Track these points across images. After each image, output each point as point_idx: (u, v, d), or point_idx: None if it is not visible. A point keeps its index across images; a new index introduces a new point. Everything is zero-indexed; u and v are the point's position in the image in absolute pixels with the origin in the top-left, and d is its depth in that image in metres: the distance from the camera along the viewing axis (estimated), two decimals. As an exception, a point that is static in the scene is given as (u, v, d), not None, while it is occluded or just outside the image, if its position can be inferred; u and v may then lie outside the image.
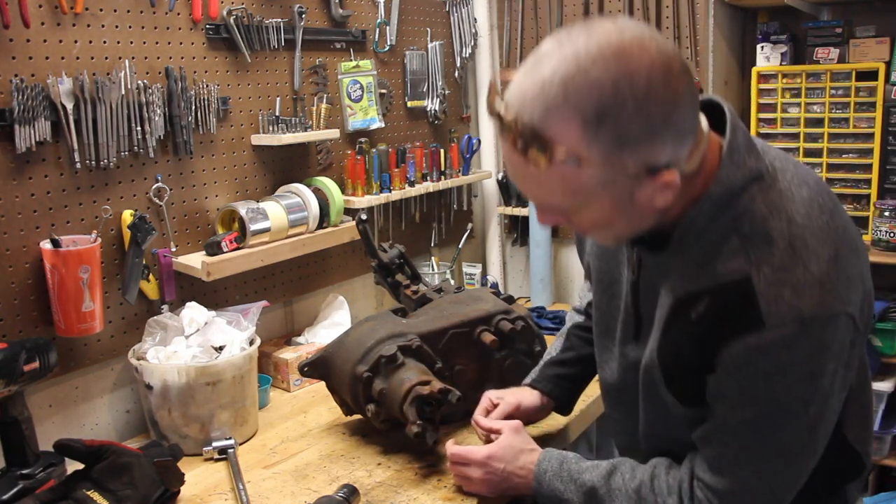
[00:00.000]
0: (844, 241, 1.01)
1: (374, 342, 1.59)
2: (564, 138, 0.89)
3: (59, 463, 1.50)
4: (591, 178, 0.91)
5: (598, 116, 0.87)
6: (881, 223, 2.26)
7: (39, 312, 1.62)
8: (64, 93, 1.59)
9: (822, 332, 0.96)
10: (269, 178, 2.09)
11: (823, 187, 1.06)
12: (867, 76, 2.31)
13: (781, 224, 0.98)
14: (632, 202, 0.95)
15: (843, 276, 0.98)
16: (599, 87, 0.86)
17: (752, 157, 1.01)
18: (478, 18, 2.74)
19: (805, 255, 0.97)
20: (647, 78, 0.87)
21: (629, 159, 0.90)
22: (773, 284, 0.96)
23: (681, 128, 0.92)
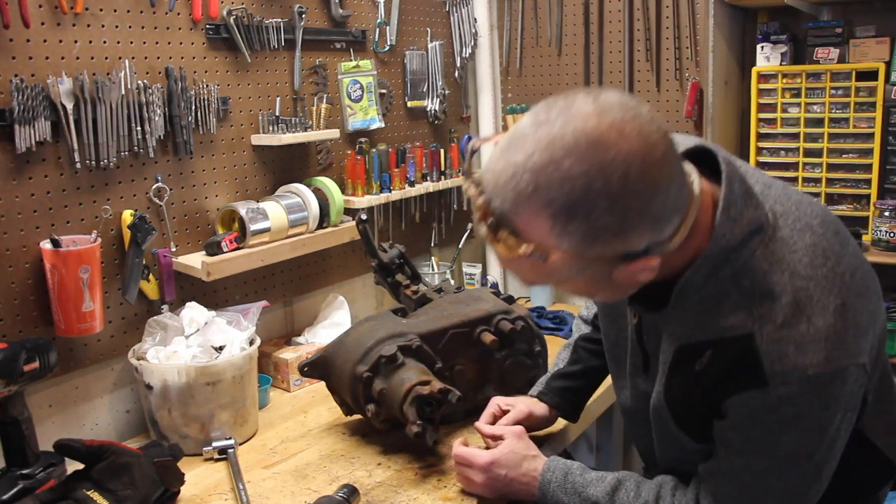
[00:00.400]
0: (852, 287, 0.96)
1: (374, 342, 1.59)
2: (533, 231, 0.86)
3: (59, 463, 1.50)
4: (561, 265, 0.88)
5: (568, 211, 0.83)
6: (881, 223, 2.26)
7: (39, 312, 1.62)
8: (64, 93, 1.59)
9: (829, 386, 0.94)
10: (269, 178, 2.09)
11: (830, 225, 1.01)
12: (867, 76, 2.31)
13: (783, 278, 0.95)
14: (610, 280, 0.92)
15: (851, 327, 0.94)
16: (571, 182, 0.82)
17: (751, 208, 0.97)
18: (478, 18, 2.74)
19: (809, 309, 0.93)
20: (622, 172, 0.82)
21: (601, 250, 0.87)
22: (777, 342, 0.93)
23: (660, 215, 0.87)
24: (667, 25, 2.52)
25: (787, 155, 2.48)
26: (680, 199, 0.90)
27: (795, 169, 2.46)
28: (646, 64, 2.59)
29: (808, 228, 0.98)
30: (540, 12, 2.74)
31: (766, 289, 0.95)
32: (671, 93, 2.56)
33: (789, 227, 0.97)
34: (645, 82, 2.60)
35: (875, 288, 1.03)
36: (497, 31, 2.83)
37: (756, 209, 0.97)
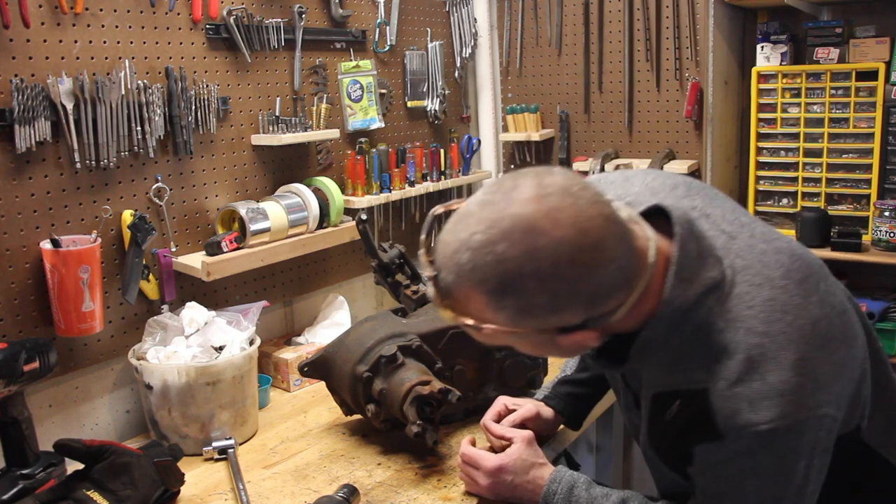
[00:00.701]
0: (812, 341, 0.96)
1: (374, 342, 1.59)
2: (471, 305, 0.92)
3: (59, 463, 1.50)
4: (501, 335, 0.95)
5: (501, 290, 0.89)
6: (881, 223, 2.26)
7: (39, 312, 1.62)
8: (64, 93, 1.59)
9: (785, 440, 0.95)
10: (269, 178, 2.09)
11: (795, 274, 1.01)
12: (867, 76, 2.31)
13: (738, 335, 0.96)
14: (556, 345, 0.97)
15: (809, 381, 0.95)
16: (504, 264, 0.87)
17: (708, 267, 0.98)
18: (478, 18, 2.74)
19: (763, 366, 0.94)
20: (552, 258, 0.87)
21: (535, 324, 0.92)
22: (729, 399, 0.95)
23: (595, 294, 0.91)
24: (667, 25, 2.52)
25: (787, 155, 2.48)
26: (623, 275, 0.93)
27: (795, 169, 2.46)
28: (646, 64, 2.59)
29: (768, 282, 0.99)
30: (540, 12, 2.74)
31: (720, 346, 0.97)
32: (671, 93, 2.56)
33: (747, 283, 0.99)
34: (645, 82, 2.60)
35: (845, 331, 1.01)
36: (497, 31, 2.83)
37: (712, 268, 0.99)
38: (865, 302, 2.29)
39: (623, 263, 0.92)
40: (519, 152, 2.85)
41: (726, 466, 0.98)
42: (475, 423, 1.69)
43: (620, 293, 0.94)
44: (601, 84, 2.69)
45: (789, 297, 0.98)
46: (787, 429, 0.94)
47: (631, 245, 0.94)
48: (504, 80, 2.87)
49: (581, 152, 2.76)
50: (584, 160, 2.66)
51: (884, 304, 2.29)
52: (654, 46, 2.55)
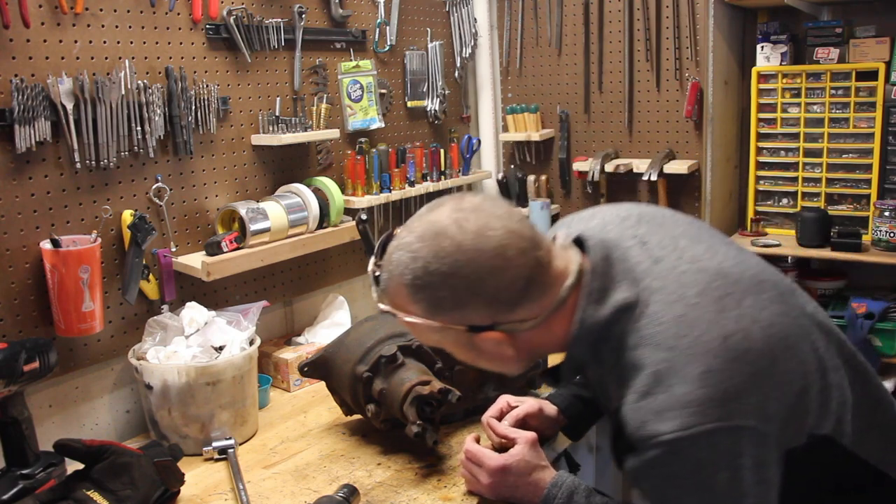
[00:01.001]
0: (721, 353, 0.99)
1: (374, 342, 1.60)
2: (398, 298, 1.09)
3: (59, 463, 1.50)
4: (424, 327, 1.09)
5: (415, 284, 1.05)
6: (881, 223, 2.26)
7: (39, 312, 1.62)
8: (64, 93, 1.59)
9: (693, 450, 0.97)
10: (269, 178, 2.09)
11: (714, 292, 1.04)
12: (867, 76, 2.31)
13: (646, 352, 1.01)
14: (477, 349, 1.10)
15: (716, 391, 0.97)
16: (417, 260, 1.05)
17: (621, 289, 1.06)
18: (478, 18, 2.74)
19: (669, 379, 0.99)
20: (452, 257, 1.02)
21: (446, 319, 1.07)
22: (637, 411, 1.00)
23: (496, 297, 1.04)
24: (667, 25, 2.52)
25: (787, 155, 2.48)
26: (526, 286, 1.05)
27: (795, 169, 2.47)
28: (646, 64, 2.59)
29: (681, 300, 1.04)
30: (540, 12, 2.74)
31: (632, 363, 1.03)
32: (671, 93, 2.56)
33: (661, 302, 1.04)
34: (645, 82, 2.60)
35: (771, 345, 1.02)
36: (497, 31, 2.83)
37: (626, 290, 1.06)
38: (865, 302, 2.29)
39: (525, 274, 1.04)
40: (519, 152, 2.85)
41: (646, 477, 1.02)
42: (475, 422, 1.69)
43: (527, 303, 1.06)
44: (601, 84, 2.69)
45: (700, 313, 1.02)
46: (693, 439, 0.96)
47: (539, 261, 1.06)
48: (504, 80, 2.87)
49: (581, 152, 2.76)
50: (584, 160, 2.66)
51: (884, 304, 2.29)
52: (654, 46, 2.55)
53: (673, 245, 1.11)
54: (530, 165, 2.85)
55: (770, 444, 1.01)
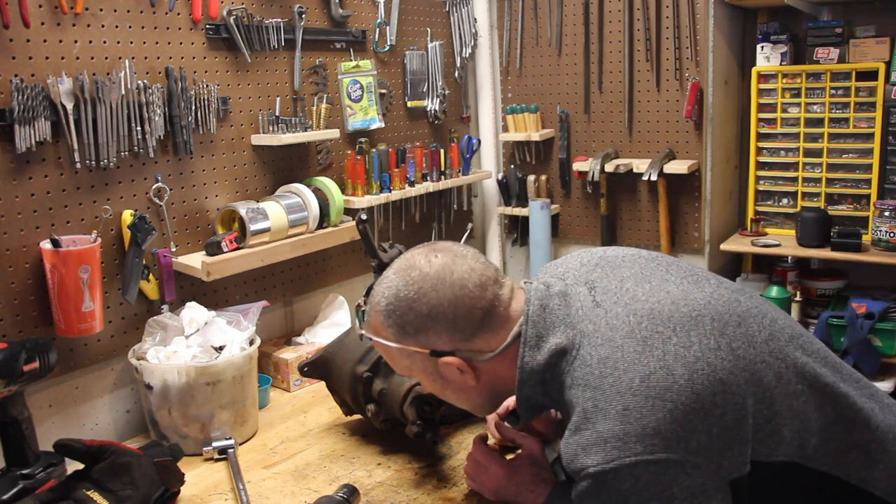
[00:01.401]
0: (640, 391, 1.05)
1: (374, 342, 1.59)
2: (373, 323, 1.23)
3: (59, 463, 1.50)
4: (395, 351, 1.20)
5: (387, 310, 1.19)
6: (881, 223, 2.26)
7: (39, 312, 1.62)
8: (64, 93, 1.59)
9: (616, 482, 1.03)
10: (269, 178, 2.09)
11: (639, 333, 1.10)
12: (867, 76, 2.31)
13: (577, 392, 1.09)
14: (443, 379, 1.21)
15: (634, 428, 1.03)
16: (390, 288, 1.20)
17: (557, 334, 1.15)
18: (478, 18, 2.74)
19: (594, 416, 1.06)
20: (417, 285, 1.17)
21: (412, 342, 1.18)
22: (568, 446, 1.08)
23: (454, 325, 1.16)
24: (667, 25, 2.52)
25: (787, 155, 2.48)
26: (483, 318, 1.17)
27: (795, 169, 2.47)
28: (646, 64, 2.59)
29: (608, 343, 1.10)
30: (540, 12, 2.74)
31: (569, 402, 1.11)
32: (671, 93, 2.56)
33: (590, 345, 1.11)
34: (645, 82, 2.60)
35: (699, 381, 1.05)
36: (497, 31, 2.83)
37: (560, 335, 1.15)
38: (865, 302, 2.29)
39: (483, 305, 1.17)
40: (519, 152, 2.85)
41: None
42: (475, 422, 1.69)
43: (485, 334, 1.17)
44: (601, 84, 2.69)
45: (623, 355, 1.08)
46: (615, 472, 1.02)
47: (498, 297, 1.18)
48: (504, 80, 2.87)
49: (581, 152, 2.76)
50: (584, 160, 2.66)
51: (884, 304, 2.29)
52: (654, 46, 2.55)
53: (618, 287, 1.19)
54: (530, 165, 2.85)
55: (704, 474, 1.04)
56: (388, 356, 1.25)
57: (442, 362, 1.18)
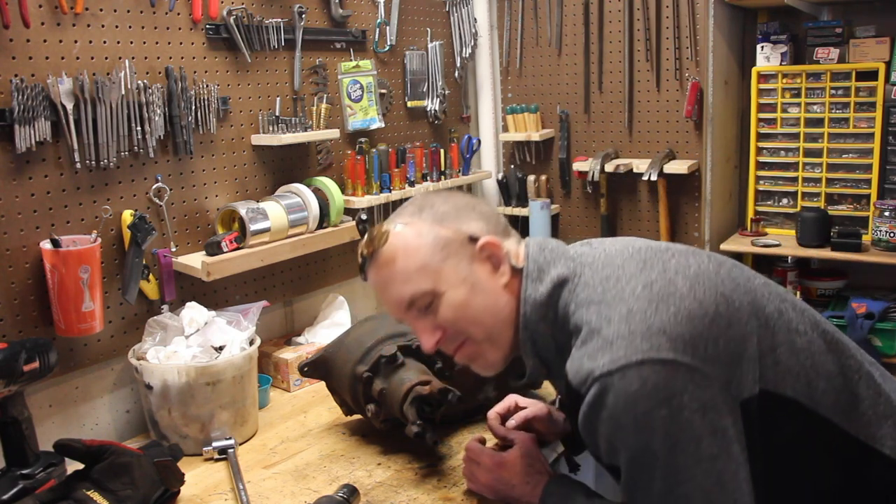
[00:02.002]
0: (643, 295, 1.06)
1: (374, 342, 1.59)
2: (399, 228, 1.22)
3: (59, 463, 1.50)
4: (427, 248, 1.19)
5: (421, 206, 1.24)
6: (881, 223, 2.26)
7: (39, 312, 1.62)
8: (64, 93, 1.59)
9: (624, 383, 1.00)
10: (269, 178, 2.09)
11: (637, 257, 1.14)
12: (867, 76, 2.31)
13: (582, 312, 1.11)
14: (473, 276, 1.19)
15: (640, 327, 1.03)
16: (415, 202, 1.26)
17: (558, 266, 1.19)
18: (478, 18, 2.74)
19: (598, 324, 1.07)
20: (446, 194, 1.28)
21: (448, 229, 1.20)
22: (574, 360, 1.08)
23: (489, 218, 1.23)
24: (667, 25, 2.52)
25: (787, 155, 2.48)
26: (507, 234, 1.25)
27: (795, 169, 2.47)
28: (646, 64, 2.59)
29: (608, 265, 1.14)
30: (540, 12, 2.74)
31: (576, 326, 1.12)
32: (671, 93, 2.56)
33: (591, 271, 1.15)
34: (645, 82, 2.60)
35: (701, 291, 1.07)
36: (497, 31, 2.83)
37: (561, 267, 1.19)
38: (865, 302, 2.29)
39: (503, 221, 1.27)
40: (519, 152, 2.85)
41: (591, 425, 1.05)
42: (475, 422, 1.70)
43: (505, 239, 1.23)
44: (601, 84, 2.69)
45: (623, 271, 1.12)
46: (622, 371, 1.00)
47: (508, 226, 1.28)
48: (504, 80, 2.87)
49: (581, 152, 2.76)
50: (584, 160, 2.66)
51: (884, 304, 2.29)
52: (654, 46, 2.55)
53: (611, 241, 1.24)
54: (530, 165, 2.85)
55: (713, 387, 1.01)
56: (408, 270, 1.19)
57: (480, 245, 1.19)
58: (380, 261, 1.21)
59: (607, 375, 1.01)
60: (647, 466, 1.03)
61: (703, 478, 1.01)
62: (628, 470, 1.05)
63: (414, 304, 1.21)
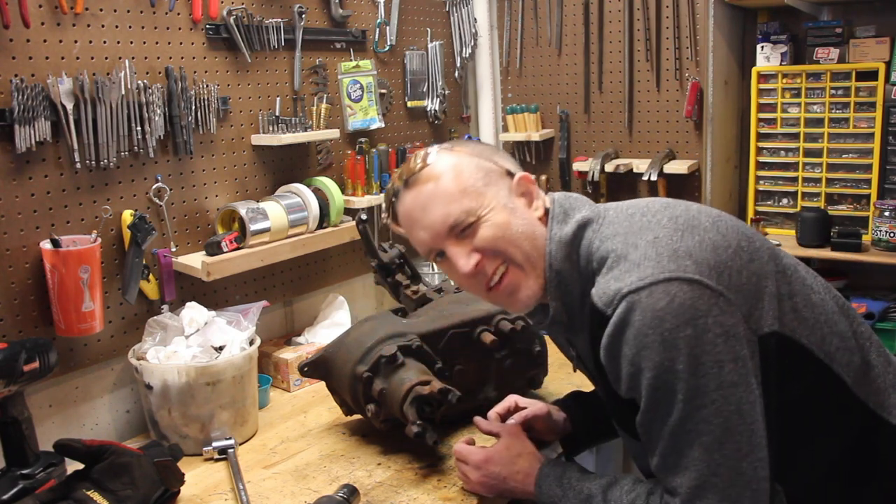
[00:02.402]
0: (669, 225, 1.10)
1: (374, 342, 1.59)
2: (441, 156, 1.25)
3: (59, 463, 1.50)
4: (471, 171, 1.21)
5: (451, 146, 1.27)
6: (881, 223, 2.26)
7: (39, 312, 1.62)
8: (64, 93, 1.59)
9: (651, 300, 1.02)
10: (269, 178, 2.09)
11: (659, 202, 1.18)
12: (867, 76, 2.31)
13: (607, 243, 1.14)
14: (512, 202, 1.22)
15: (665, 251, 1.06)
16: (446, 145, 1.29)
17: (580, 211, 1.22)
18: (478, 18, 2.74)
19: (624, 251, 1.10)
20: (475, 143, 1.32)
21: (487, 161, 1.24)
22: (600, 286, 1.10)
23: (512, 161, 1.29)
24: (667, 25, 2.52)
25: (787, 155, 2.48)
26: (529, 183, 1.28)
27: (795, 169, 2.46)
28: (646, 64, 2.59)
29: (633, 206, 1.19)
30: (540, 12, 2.74)
31: (601, 259, 1.14)
32: (671, 93, 2.56)
33: (615, 211, 1.20)
34: (645, 82, 2.60)
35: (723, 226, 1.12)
36: (497, 31, 2.83)
37: (585, 210, 1.22)
38: (865, 302, 2.29)
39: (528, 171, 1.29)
40: (519, 152, 2.85)
41: (616, 346, 1.06)
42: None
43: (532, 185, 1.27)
44: (601, 84, 2.69)
45: (648, 209, 1.16)
46: (649, 289, 1.03)
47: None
48: (504, 80, 2.87)
49: (581, 152, 2.76)
50: (585, 160, 2.66)
51: (884, 304, 2.29)
52: (654, 46, 2.55)
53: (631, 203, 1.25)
54: (530, 165, 2.85)
55: (736, 315, 1.04)
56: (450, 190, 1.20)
57: (517, 179, 1.24)
58: (421, 182, 1.21)
59: (635, 292, 1.04)
60: (669, 388, 1.03)
61: (723, 403, 1.02)
62: (649, 393, 1.06)
63: (456, 227, 1.19)
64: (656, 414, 1.06)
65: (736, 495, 1.03)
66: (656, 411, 1.06)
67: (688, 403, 1.03)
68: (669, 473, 1.08)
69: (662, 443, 1.07)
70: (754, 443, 1.04)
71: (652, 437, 1.09)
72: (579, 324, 1.21)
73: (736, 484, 1.03)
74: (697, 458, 1.04)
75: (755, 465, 1.04)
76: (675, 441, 1.05)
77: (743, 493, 1.04)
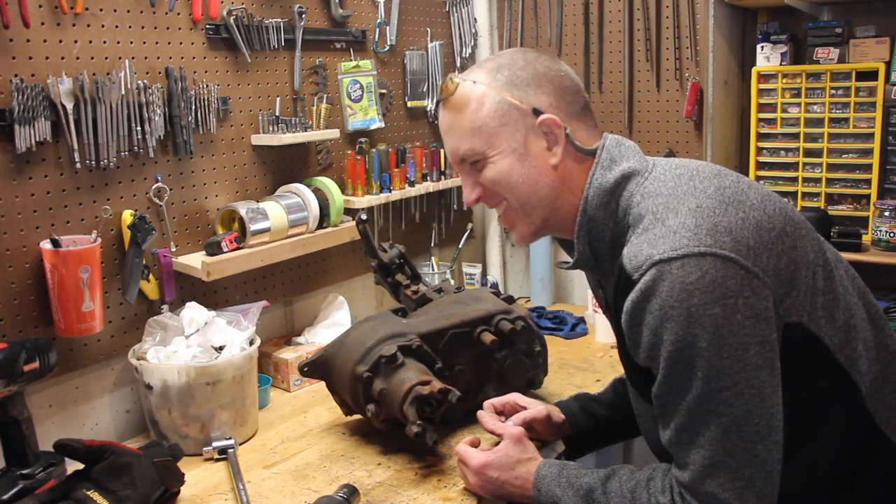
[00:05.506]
0: (714, 195, 1.06)
1: (374, 342, 1.59)
2: (479, 75, 1.23)
3: (59, 463, 1.50)
4: (487, 112, 1.20)
5: (499, 66, 1.23)
6: (881, 223, 2.26)
7: (39, 312, 1.62)
8: (64, 93, 1.59)
9: (682, 273, 0.99)
10: (269, 178, 2.09)
11: (711, 168, 1.15)
12: (867, 76, 2.31)
13: (648, 201, 1.11)
14: (525, 148, 1.20)
15: (706, 222, 1.03)
16: (503, 56, 1.25)
17: (627, 160, 1.19)
18: (478, 18, 2.74)
19: (664, 214, 1.07)
20: (535, 55, 1.24)
21: (515, 97, 1.20)
22: (633, 246, 1.07)
23: (564, 96, 1.21)
24: (667, 25, 2.52)
25: (787, 155, 2.48)
26: (583, 115, 1.23)
27: (795, 169, 2.46)
28: (646, 64, 2.59)
29: (682, 166, 1.16)
30: (540, 12, 2.74)
31: (637, 215, 1.12)
32: (671, 93, 2.56)
33: (663, 168, 1.16)
34: (645, 82, 2.60)
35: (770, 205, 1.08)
36: (497, 31, 2.83)
37: (632, 161, 1.19)
38: (865, 302, 2.29)
39: (582, 101, 1.24)
40: (519, 152, 2.84)
41: (640, 312, 1.04)
42: (475, 423, 1.69)
43: (579, 123, 1.22)
44: (601, 84, 2.69)
45: (697, 171, 1.13)
46: (682, 260, 1.00)
47: (588, 105, 1.26)
48: (504, 80, 2.87)
49: (581, 152, 2.75)
50: (584, 160, 2.66)
51: (884, 305, 2.29)
52: (654, 46, 2.55)
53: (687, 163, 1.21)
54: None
55: (768, 299, 1.01)
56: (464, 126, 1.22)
57: (541, 120, 1.19)
58: (446, 108, 1.25)
59: (666, 262, 1.01)
60: (689, 365, 1.02)
61: (745, 386, 1.01)
62: (668, 367, 1.04)
63: (464, 160, 1.25)
64: (673, 387, 1.05)
65: (749, 476, 1.03)
66: (674, 384, 1.05)
67: (707, 383, 1.01)
68: (683, 449, 1.07)
69: (678, 418, 1.06)
70: (772, 426, 1.03)
71: (667, 411, 1.07)
72: (608, 270, 1.19)
73: (750, 465, 1.02)
74: (713, 437, 1.03)
75: (770, 448, 1.03)
76: (692, 419, 1.04)
77: (756, 474, 1.03)
